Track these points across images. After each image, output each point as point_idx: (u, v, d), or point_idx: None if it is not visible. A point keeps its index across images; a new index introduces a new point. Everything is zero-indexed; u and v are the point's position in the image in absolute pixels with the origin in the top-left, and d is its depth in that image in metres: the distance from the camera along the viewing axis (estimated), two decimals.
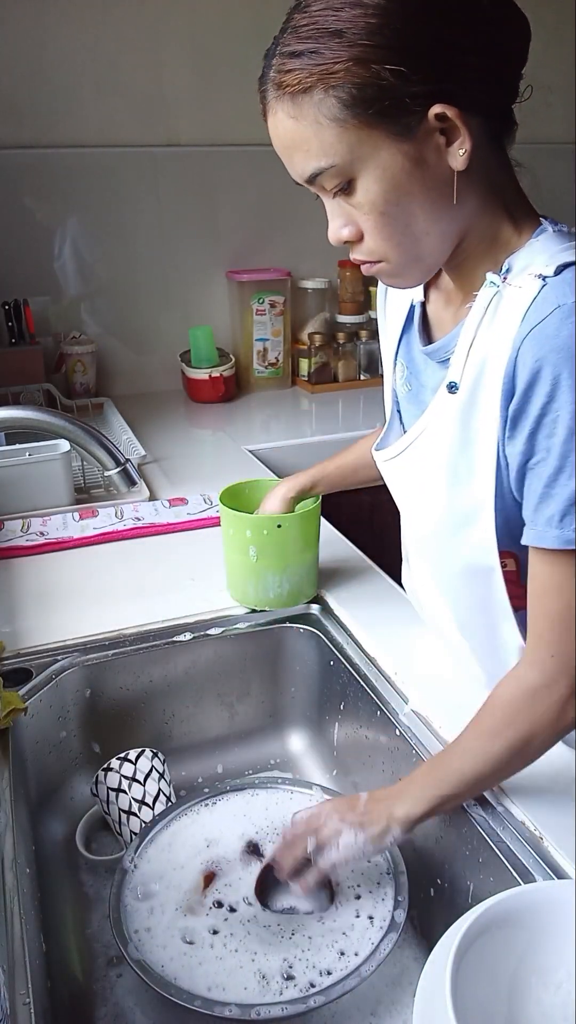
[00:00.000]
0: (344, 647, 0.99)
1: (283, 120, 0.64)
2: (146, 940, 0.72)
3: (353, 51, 0.59)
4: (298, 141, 0.64)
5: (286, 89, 0.62)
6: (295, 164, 0.66)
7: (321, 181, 0.65)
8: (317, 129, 0.62)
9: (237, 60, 1.87)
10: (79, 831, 0.92)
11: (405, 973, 0.77)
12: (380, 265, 0.70)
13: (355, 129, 0.62)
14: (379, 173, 0.63)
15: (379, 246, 0.68)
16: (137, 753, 0.91)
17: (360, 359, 2.08)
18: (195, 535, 1.26)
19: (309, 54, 0.61)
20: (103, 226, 1.88)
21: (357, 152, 0.63)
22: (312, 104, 0.62)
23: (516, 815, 0.73)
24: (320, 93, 0.61)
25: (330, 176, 0.64)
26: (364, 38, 0.59)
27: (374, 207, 0.65)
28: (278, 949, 0.72)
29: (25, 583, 1.12)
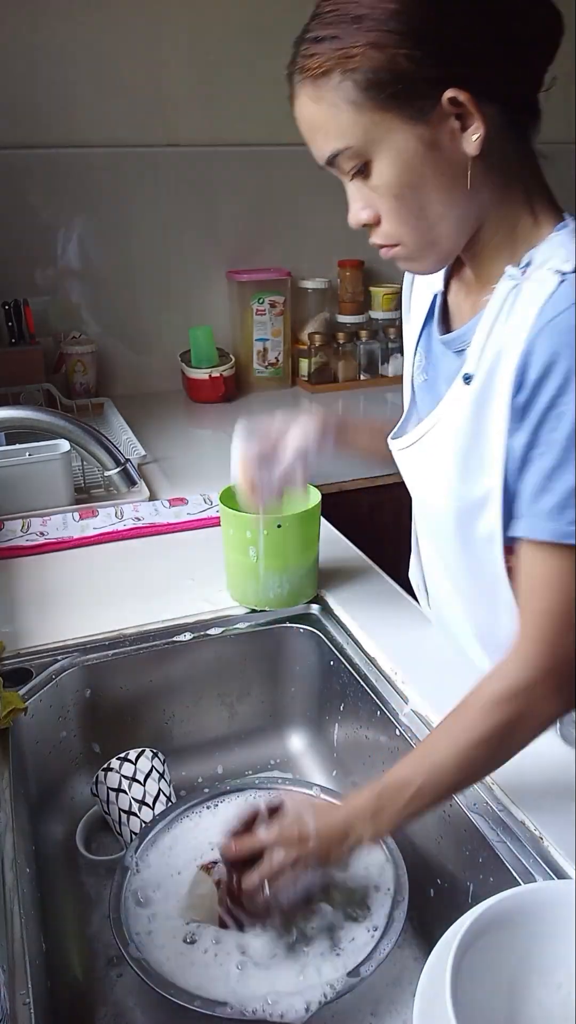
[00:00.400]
0: (344, 647, 0.99)
1: (306, 103, 0.66)
2: (146, 940, 0.72)
3: (370, 36, 0.61)
4: (318, 123, 0.66)
5: (308, 73, 0.65)
6: (316, 145, 0.68)
7: (339, 163, 0.67)
8: (335, 112, 0.64)
9: (237, 60, 1.88)
10: (79, 831, 0.92)
11: (405, 973, 0.77)
12: (396, 249, 0.71)
13: (370, 112, 0.63)
14: (393, 156, 0.65)
15: (395, 229, 0.69)
16: (137, 753, 0.91)
17: (360, 359, 2.08)
18: (195, 535, 1.26)
19: (330, 39, 0.63)
20: (103, 226, 1.88)
21: (372, 134, 0.64)
22: (331, 87, 0.64)
23: (516, 815, 0.73)
24: (338, 76, 0.63)
25: (347, 158, 0.66)
26: (382, 23, 0.61)
27: (389, 190, 0.67)
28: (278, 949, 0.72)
29: (25, 583, 1.12)
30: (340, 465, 1.70)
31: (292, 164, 1.99)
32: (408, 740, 0.84)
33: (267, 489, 0.90)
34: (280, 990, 0.67)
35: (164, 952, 0.71)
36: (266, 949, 0.71)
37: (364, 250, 2.14)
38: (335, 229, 2.10)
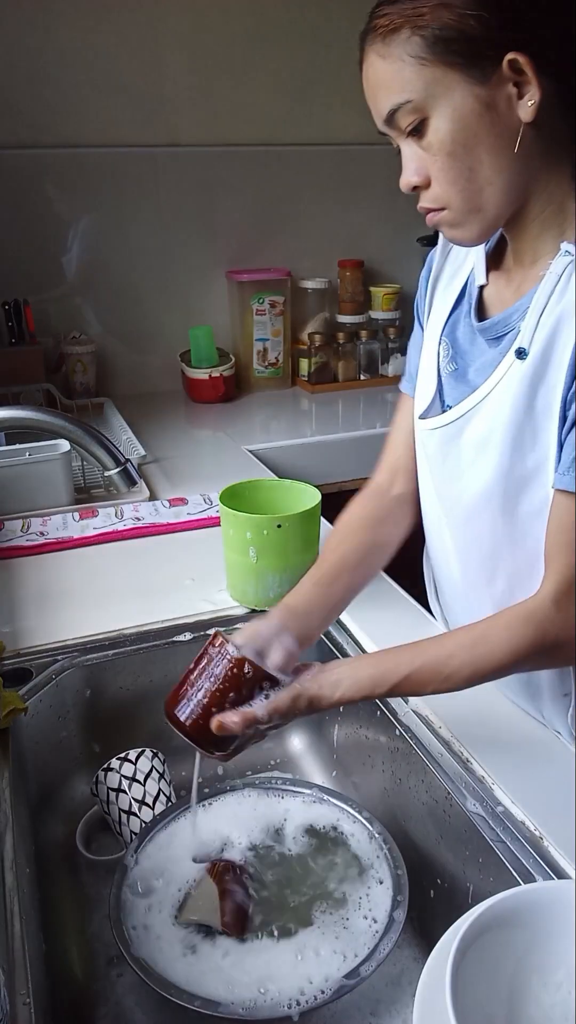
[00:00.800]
0: (344, 647, 0.99)
1: (374, 61, 0.69)
2: (146, 940, 0.72)
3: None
4: (383, 79, 0.69)
5: (379, 31, 0.67)
6: (378, 102, 0.70)
7: (398, 119, 0.69)
8: (400, 66, 0.67)
9: (237, 60, 1.88)
10: (79, 831, 0.92)
11: (405, 973, 0.77)
12: (443, 214, 0.72)
13: (432, 67, 0.66)
14: (450, 112, 0.67)
15: (444, 191, 0.71)
16: (137, 753, 0.91)
17: (360, 359, 2.08)
18: (195, 535, 1.26)
19: (404, 1, 0.66)
20: (103, 226, 1.88)
21: (432, 90, 0.67)
22: (399, 43, 0.66)
23: (516, 815, 0.73)
24: (407, 32, 0.66)
25: (406, 112, 0.68)
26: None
27: (443, 147, 0.68)
28: (278, 949, 0.72)
29: (25, 583, 1.12)
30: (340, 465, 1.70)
31: (292, 164, 2.00)
32: (408, 740, 0.84)
33: None
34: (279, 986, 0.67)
35: (164, 952, 0.71)
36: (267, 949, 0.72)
37: (364, 250, 2.14)
38: (335, 229, 2.12)
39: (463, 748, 0.80)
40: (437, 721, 0.84)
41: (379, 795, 0.91)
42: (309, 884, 0.78)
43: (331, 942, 0.72)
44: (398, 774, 0.87)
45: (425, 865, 0.81)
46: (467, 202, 0.71)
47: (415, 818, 0.84)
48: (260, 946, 0.72)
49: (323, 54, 1.95)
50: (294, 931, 0.73)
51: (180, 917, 0.74)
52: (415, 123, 0.68)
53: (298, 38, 1.92)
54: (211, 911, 0.74)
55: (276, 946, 0.72)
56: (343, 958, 0.70)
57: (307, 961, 0.70)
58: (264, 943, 0.72)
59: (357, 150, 2.02)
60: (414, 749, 0.82)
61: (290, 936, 0.73)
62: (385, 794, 0.89)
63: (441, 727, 0.84)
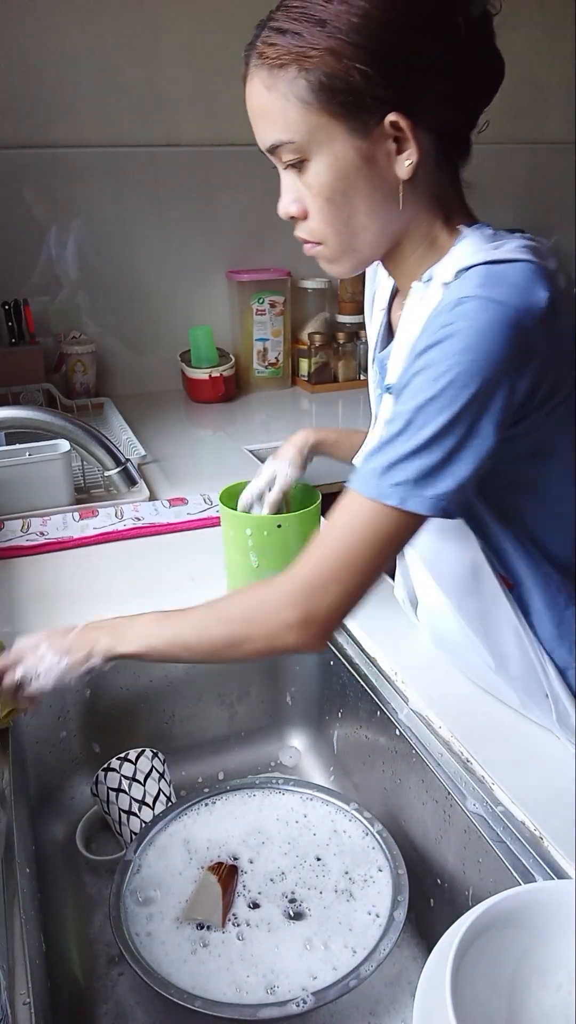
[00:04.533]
0: (344, 647, 0.99)
1: (258, 87, 0.69)
2: (146, 940, 0.72)
3: (330, 42, 0.64)
4: (267, 110, 0.69)
5: (266, 60, 0.67)
6: (260, 130, 0.71)
7: (279, 153, 0.70)
8: (284, 104, 0.67)
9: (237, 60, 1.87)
10: (79, 831, 0.92)
11: (404, 973, 0.77)
12: (319, 248, 0.75)
13: (317, 114, 0.66)
14: (331, 161, 0.68)
15: (320, 229, 0.72)
16: (137, 753, 0.91)
17: (360, 359, 2.08)
18: (195, 535, 1.26)
19: (293, 35, 0.65)
20: (103, 226, 1.88)
21: (315, 136, 0.67)
22: (285, 80, 0.66)
23: (516, 815, 0.73)
24: (294, 72, 0.66)
25: (288, 151, 0.69)
26: (343, 33, 0.63)
27: (321, 191, 0.70)
28: (278, 949, 0.72)
29: (25, 583, 1.12)
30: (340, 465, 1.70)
31: None
32: (408, 740, 0.84)
33: None
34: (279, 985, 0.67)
35: (164, 951, 0.71)
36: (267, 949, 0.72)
37: None
38: None
39: (463, 748, 0.80)
40: (437, 721, 0.84)
41: (379, 795, 0.91)
42: (309, 885, 0.78)
43: (331, 942, 0.72)
44: (398, 774, 0.87)
45: (425, 865, 0.81)
46: (343, 243, 0.73)
47: (415, 818, 0.84)
48: (260, 946, 0.72)
49: None
50: (294, 931, 0.73)
51: (182, 916, 0.74)
52: (296, 161, 0.70)
53: None
54: (212, 910, 0.74)
55: (277, 946, 0.72)
56: (343, 958, 0.70)
57: (307, 961, 0.71)
58: (264, 943, 0.72)
59: None
60: (414, 749, 0.82)
61: (290, 936, 0.73)
62: (385, 794, 0.90)
63: (441, 727, 0.84)
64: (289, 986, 0.68)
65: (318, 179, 0.69)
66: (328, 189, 0.69)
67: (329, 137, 0.67)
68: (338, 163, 0.68)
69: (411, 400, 0.65)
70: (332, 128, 0.66)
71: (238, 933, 0.73)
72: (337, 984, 0.66)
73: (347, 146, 0.67)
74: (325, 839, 0.82)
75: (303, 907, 0.76)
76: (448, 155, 0.71)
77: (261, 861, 0.81)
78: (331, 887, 0.77)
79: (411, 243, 0.74)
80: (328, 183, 0.69)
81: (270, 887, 0.78)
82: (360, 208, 0.70)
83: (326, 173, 0.69)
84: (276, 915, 0.75)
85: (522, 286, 0.63)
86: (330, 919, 0.74)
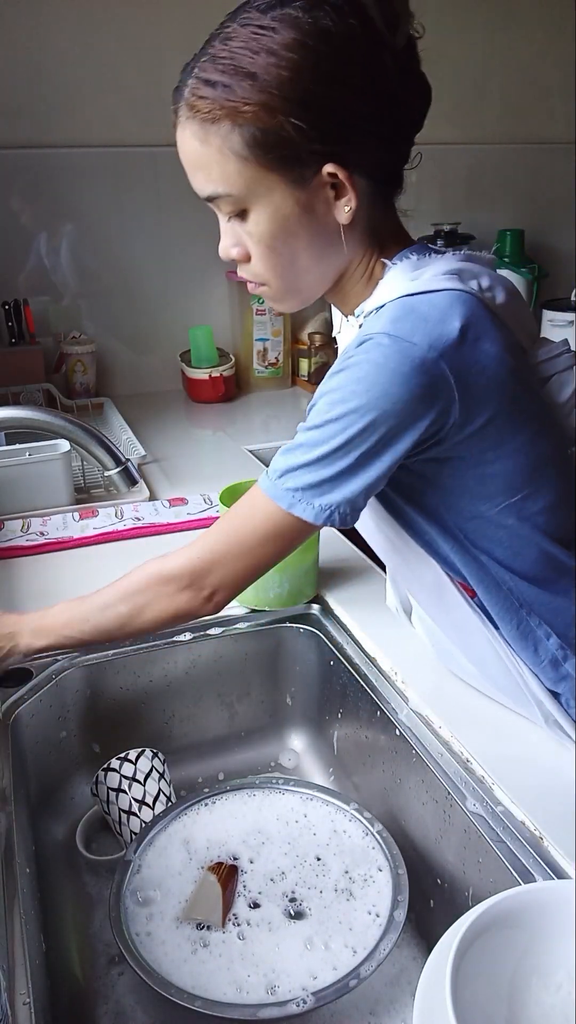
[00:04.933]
0: (344, 647, 0.99)
1: (190, 140, 0.68)
2: (146, 940, 0.72)
3: (262, 97, 0.63)
4: (201, 163, 0.69)
5: (197, 113, 0.66)
6: (196, 182, 0.71)
7: (218, 204, 0.71)
8: (220, 158, 0.67)
9: None
10: (79, 831, 0.92)
11: (404, 973, 0.77)
12: (263, 288, 0.76)
13: (254, 168, 0.66)
14: (271, 212, 0.68)
15: (263, 272, 0.74)
16: (137, 753, 0.91)
17: None
18: (195, 535, 1.25)
19: (223, 87, 0.64)
20: (103, 226, 1.88)
21: (253, 188, 0.67)
22: (219, 134, 0.65)
23: (516, 815, 0.73)
24: (227, 127, 0.65)
25: (226, 202, 0.70)
26: (274, 87, 0.62)
27: (262, 239, 0.70)
28: (279, 949, 0.72)
29: (25, 583, 1.12)
30: None
31: None
32: (408, 740, 0.84)
33: None
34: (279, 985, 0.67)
35: (165, 952, 0.71)
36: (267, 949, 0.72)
37: None
38: None
39: (463, 748, 0.80)
40: (437, 721, 0.84)
41: (379, 795, 0.91)
42: (309, 884, 0.78)
43: (331, 942, 0.72)
44: (398, 774, 0.87)
45: (425, 865, 0.81)
46: (286, 284, 0.74)
47: (415, 818, 0.84)
48: (260, 946, 0.72)
49: None
50: (294, 931, 0.73)
51: (181, 916, 0.74)
52: (236, 211, 0.70)
53: None
54: (212, 910, 0.74)
55: (276, 946, 0.72)
56: (343, 958, 0.70)
57: (307, 961, 0.71)
58: (264, 943, 0.72)
59: None
60: (414, 749, 0.82)
61: (290, 936, 0.73)
62: (385, 794, 0.90)
63: (441, 727, 0.84)
64: (289, 986, 0.68)
65: (258, 227, 0.69)
66: (269, 237, 0.70)
67: (268, 189, 0.67)
68: (278, 213, 0.68)
69: (314, 417, 0.68)
70: (270, 180, 0.66)
71: (238, 933, 0.73)
72: (337, 984, 0.66)
73: (286, 196, 0.67)
74: (325, 839, 0.82)
75: (303, 907, 0.76)
76: (384, 192, 0.71)
77: (261, 861, 0.81)
78: (331, 887, 0.77)
79: (351, 278, 0.75)
80: (269, 232, 0.69)
81: (270, 887, 0.78)
82: (301, 253, 0.71)
83: (266, 223, 0.69)
84: (276, 915, 0.75)
85: (432, 319, 0.64)
86: (330, 919, 0.74)
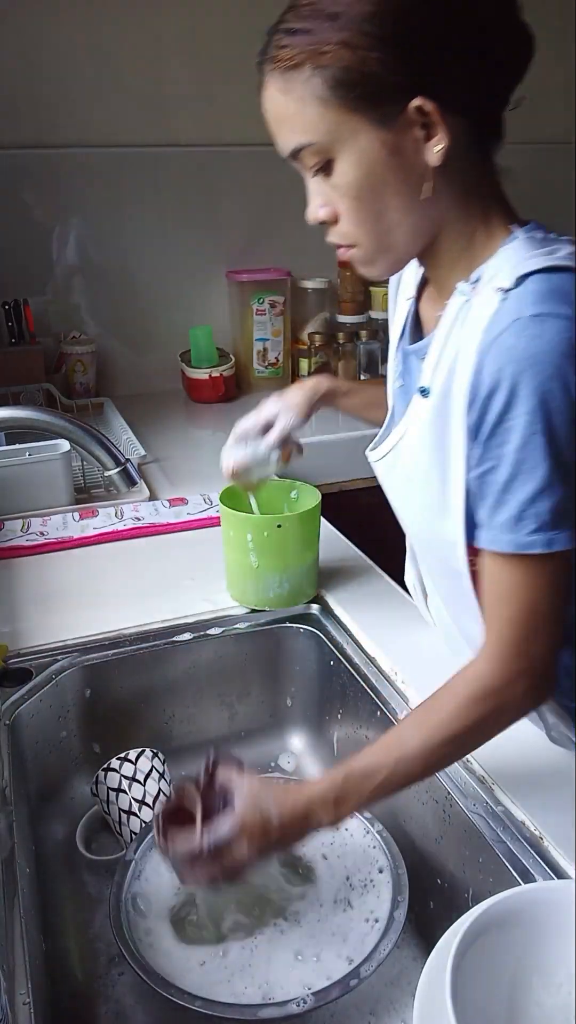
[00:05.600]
0: (344, 647, 0.99)
1: (274, 94, 0.66)
2: (147, 940, 0.72)
3: (343, 35, 0.61)
4: (285, 115, 0.66)
5: (278, 64, 0.64)
6: (281, 137, 0.68)
7: (302, 157, 0.68)
8: (302, 106, 0.64)
9: (237, 60, 1.86)
10: (79, 831, 0.92)
11: (404, 973, 0.77)
12: (352, 251, 0.72)
13: (336, 111, 0.63)
14: (356, 157, 0.65)
15: (352, 230, 0.69)
16: (137, 753, 0.91)
17: (360, 359, 2.08)
18: (195, 535, 1.26)
19: (304, 33, 0.63)
20: (103, 226, 1.88)
21: (337, 134, 0.64)
22: (300, 81, 0.64)
23: (516, 815, 0.73)
24: (308, 71, 0.63)
25: (310, 153, 0.67)
26: (356, 24, 0.61)
27: (349, 190, 0.67)
28: (278, 949, 0.72)
29: (25, 583, 1.12)
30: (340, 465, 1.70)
31: None
32: None
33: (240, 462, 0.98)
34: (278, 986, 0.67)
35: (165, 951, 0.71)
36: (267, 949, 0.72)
37: None
38: None
39: None
40: None
41: None
42: (309, 884, 0.78)
43: (331, 942, 0.72)
44: None
45: (425, 865, 0.81)
46: (376, 243, 0.70)
47: (415, 818, 0.84)
48: (259, 946, 0.72)
49: None
50: (294, 931, 0.73)
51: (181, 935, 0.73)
52: (320, 163, 0.67)
53: None
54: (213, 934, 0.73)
55: (276, 946, 0.72)
56: (343, 958, 0.70)
57: (307, 961, 0.71)
58: (264, 943, 0.72)
59: None
60: None
61: (290, 936, 0.73)
62: None
63: None
64: (288, 986, 0.68)
65: (345, 178, 0.66)
66: (356, 187, 0.66)
67: (352, 132, 0.64)
68: (364, 158, 0.65)
69: (510, 440, 0.62)
70: (354, 123, 0.63)
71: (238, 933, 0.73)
72: (337, 984, 0.66)
73: (371, 139, 0.64)
74: (326, 839, 0.82)
75: (303, 908, 0.76)
76: (480, 139, 0.67)
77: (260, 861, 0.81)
78: (331, 887, 0.77)
79: (447, 239, 0.70)
80: (355, 180, 0.66)
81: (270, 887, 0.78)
82: (391, 204, 0.67)
83: (352, 170, 0.65)
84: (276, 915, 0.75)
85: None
86: (330, 919, 0.74)
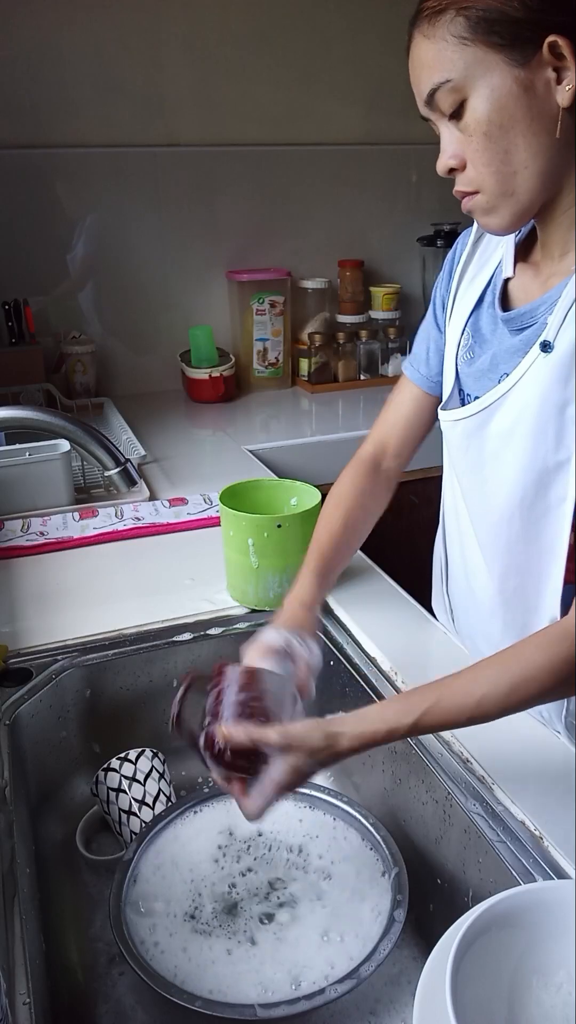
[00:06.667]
0: (344, 647, 0.99)
1: (419, 42, 0.70)
2: (147, 940, 0.72)
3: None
4: (426, 60, 0.70)
5: (425, 12, 0.69)
6: (420, 83, 0.71)
7: (438, 100, 0.70)
8: (443, 46, 0.68)
9: (237, 60, 1.88)
10: (79, 831, 0.92)
11: (404, 972, 0.77)
12: (476, 198, 0.73)
13: (474, 47, 0.67)
14: (488, 93, 0.68)
15: (479, 173, 0.71)
16: (137, 753, 0.91)
17: (360, 359, 2.08)
18: (195, 535, 1.26)
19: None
20: (103, 226, 1.88)
21: (472, 70, 0.68)
22: (444, 24, 0.68)
23: (516, 815, 0.73)
24: (452, 13, 0.67)
25: (446, 92, 0.69)
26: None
27: (479, 127, 0.69)
28: (278, 949, 0.72)
29: (25, 583, 1.12)
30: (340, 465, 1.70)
31: (292, 164, 2.00)
32: (408, 740, 0.84)
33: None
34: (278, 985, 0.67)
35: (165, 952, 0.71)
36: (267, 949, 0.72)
37: (364, 250, 2.14)
38: (335, 229, 2.12)
39: (463, 748, 0.80)
40: None
41: (379, 795, 0.91)
42: (309, 884, 0.78)
43: (330, 941, 0.72)
44: (398, 774, 0.87)
45: (425, 865, 0.81)
46: (501, 185, 0.71)
47: (415, 818, 0.84)
48: (259, 946, 0.72)
49: (323, 54, 1.95)
50: (293, 931, 0.73)
51: None
52: (455, 104, 0.69)
53: (298, 38, 1.92)
54: None
55: (276, 946, 0.72)
56: (342, 958, 0.70)
57: (307, 961, 0.70)
58: (263, 943, 0.72)
59: (357, 150, 2.02)
60: (414, 749, 0.82)
61: (289, 935, 0.73)
62: (385, 794, 0.89)
63: None
64: (288, 985, 0.68)
65: (475, 114, 0.69)
66: (486, 123, 0.69)
67: (486, 69, 0.67)
68: (495, 94, 0.68)
69: None
70: (489, 60, 0.67)
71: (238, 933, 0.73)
72: (337, 984, 0.66)
73: (505, 75, 0.67)
74: (326, 839, 0.82)
75: (303, 908, 0.76)
76: None
77: (261, 862, 0.81)
78: (332, 887, 0.77)
79: (569, 195, 0.72)
80: (486, 116, 0.68)
81: (270, 887, 0.78)
82: (519, 143, 0.69)
83: (483, 106, 0.68)
84: (276, 915, 0.75)
85: None
86: (330, 919, 0.74)
